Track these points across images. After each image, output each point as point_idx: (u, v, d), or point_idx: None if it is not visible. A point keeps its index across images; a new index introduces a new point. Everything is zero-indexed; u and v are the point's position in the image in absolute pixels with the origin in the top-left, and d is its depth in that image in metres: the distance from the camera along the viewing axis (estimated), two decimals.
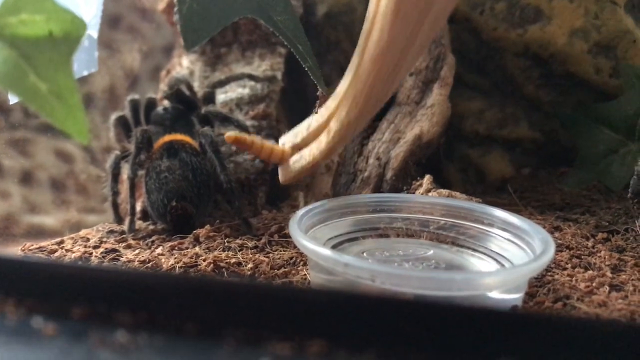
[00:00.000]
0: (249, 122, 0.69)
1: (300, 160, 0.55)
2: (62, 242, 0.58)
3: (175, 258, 0.51)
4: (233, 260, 0.50)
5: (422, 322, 0.31)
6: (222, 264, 0.50)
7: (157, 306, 0.34)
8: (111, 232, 0.61)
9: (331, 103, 0.52)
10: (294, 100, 0.77)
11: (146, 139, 0.62)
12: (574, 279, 0.47)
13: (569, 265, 0.50)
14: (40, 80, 0.33)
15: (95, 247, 0.55)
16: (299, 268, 0.50)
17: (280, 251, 0.54)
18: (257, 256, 0.52)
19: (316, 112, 0.54)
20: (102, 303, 0.34)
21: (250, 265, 0.50)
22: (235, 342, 0.31)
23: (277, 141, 0.70)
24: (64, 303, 0.34)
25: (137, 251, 0.54)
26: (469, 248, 0.49)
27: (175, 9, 0.41)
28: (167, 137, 0.62)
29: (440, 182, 0.66)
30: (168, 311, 0.33)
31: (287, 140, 0.56)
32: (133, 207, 0.60)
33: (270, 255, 0.53)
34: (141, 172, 0.61)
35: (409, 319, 0.31)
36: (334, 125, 0.51)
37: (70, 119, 0.33)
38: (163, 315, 0.33)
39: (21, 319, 0.33)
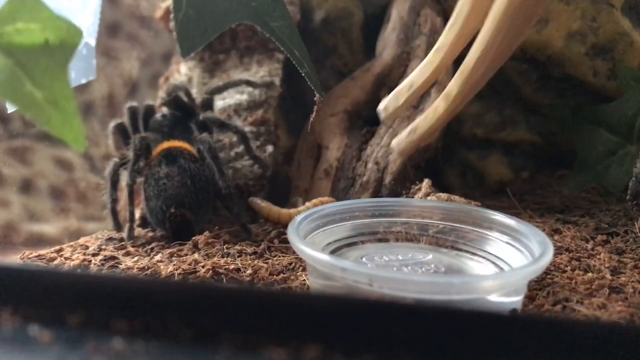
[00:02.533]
0: (247, 128, 0.69)
1: (416, 130, 0.54)
2: (61, 250, 0.58)
3: (174, 265, 0.51)
4: (232, 267, 0.50)
5: (420, 326, 0.31)
6: (220, 270, 0.50)
7: (156, 313, 0.34)
8: (110, 239, 0.61)
9: (435, 57, 0.50)
10: (292, 105, 0.77)
11: (144, 146, 0.62)
12: (573, 281, 0.47)
13: (569, 268, 0.50)
14: (36, 89, 0.33)
15: (94, 255, 0.55)
16: (298, 274, 0.50)
17: (280, 257, 0.54)
18: (256, 262, 0.52)
19: (313, 119, 0.54)
20: (102, 311, 0.34)
21: (249, 271, 0.50)
22: (234, 349, 0.31)
23: (275, 147, 0.70)
24: (63, 311, 0.34)
25: (136, 258, 0.54)
26: (468, 252, 0.49)
27: (171, 15, 0.41)
28: (166, 144, 0.62)
29: (440, 186, 0.65)
30: (166, 318, 0.33)
31: (390, 102, 0.54)
32: (132, 214, 0.60)
33: (270, 261, 0.53)
34: (140, 179, 0.61)
35: (408, 324, 0.31)
36: (454, 89, 0.49)
37: (67, 126, 0.34)
38: (162, 322, 0.33)
39: (20, 327, 0.33)
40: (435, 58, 0.50)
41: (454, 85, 0.49)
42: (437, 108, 0.51)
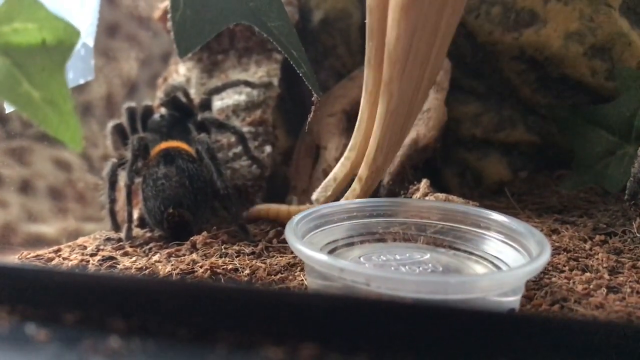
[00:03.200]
0: (245, 129, 0.69)
1: None
2: (59, 250, 0.58)
3: (172, 265, 0.51)
4: (230, 267, 0.50)
5: (417, 326, 0.31)
6: (218, 270, 0.50)
7: (154, 312, 0.34)
8: (108, 239, 0.61)
9: (350, 154, 0.59)
10: (291, 106, 0.77)
11: (142, 146, 0.62)
12: (571, 281, 0.47)
13: (567, 268, 0.50)
14: (33, 88, 0.33)
15: (92, 255, 0.55)
16: (296, 274, 0.50)
17: (278, 257, 0.54)
18: (254, 262, 0.52)
19: (310, 119, 0.55)
20: (100, 310, 0.34)
21: (247, 272, 0.50)
22: (232, 348, 0.31)
23: (273, 147, 0.70)
24: (62, 311, 0.34)
25: (134, 258, 0.54)
26: (465, 251, 0.49)
27: (169, 15, 0.41)
28: (164, 144, 0.62)
29: (438, 186, 0.66)
30: (164, 317, 0.33)
31: (320, 195, 0.61)
32: (130, 215, 0.60)
33: (267, 261, 0.53)
34: (138, 180, 0.61)
35: (405, 323, 0.31)
36: (363, 173, 0.57)
37: (64, 126, 0.34)
38: (159, 322, 0.33)
39: (18, 326, 0.33)
40: (351, 155, 0.60)
41: (363, 171, 0.58)
42: (354, 189, 0.59)
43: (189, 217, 0.58)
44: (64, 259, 0.55)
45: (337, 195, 0.60)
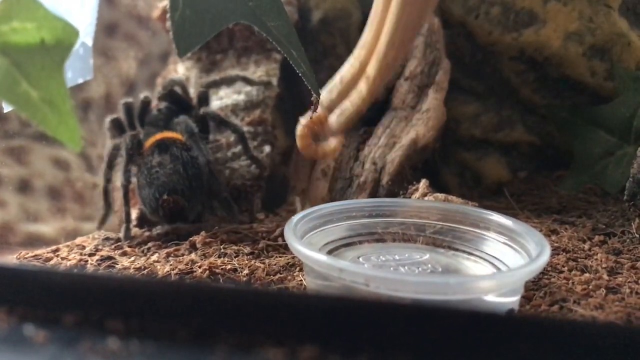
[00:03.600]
0: (244, 128, 0.69)
1: (344, 112, 0.57)
2: (57, 250, 0.57)
3: (171, 265, 0.51)
4: (229, 267, 0.50)
5: (417, 326, 0.31)
6: (217, 271, 0.50)
7: (152, 313, 0.34)
8: (107, 239, 0.61)
9: (360, 52, 0.55)
10: (290, 105, 0.77)
11: (136, 143, 0.62)
12: (570, 281, 0.47)
13: (566, 268, 0.50)
14: (32, 88, 0.33)
15: (90, 255, 0.55)
16: (295, 274, 0.50)
17: (277, 257, 0.54)
18: (253, 262, 0.52)
19: (311, 117, 0.54)
20: (98, 311, 0.34)
21: (245, 272, 0.50)
22: (230, 349, 0.31)
23: (272, 147, 0.70)
24: (60, 311, 0.34)
25: (132, 258, 0.54)
26: (465, 252, 0.49)
27: (168, 15, 0.41)
28: (158, 135, 0.62)
29: (437, 186, 0.66)
30: (163, 318, 0.33)
31: (324, 97, 0.58)
32: (128, 214, 0.60)
33: (267, 261, 0.53)
34: (134, 180, 0.61)
35: (404, 324, 0.31)
36: (371, 71, 0.54)
37: (63, 126, 0.33)
38: (158, 322, 0.33)
39: (16, 327, 0.32)
40: (360, 53, 0.55)
41: (371, 69, 0.54)
42: (360, 91, 0.55)
43: (184, 203, 0.58)
44: (63, 258, 0.55)
45: (343, 97, 0.57)
